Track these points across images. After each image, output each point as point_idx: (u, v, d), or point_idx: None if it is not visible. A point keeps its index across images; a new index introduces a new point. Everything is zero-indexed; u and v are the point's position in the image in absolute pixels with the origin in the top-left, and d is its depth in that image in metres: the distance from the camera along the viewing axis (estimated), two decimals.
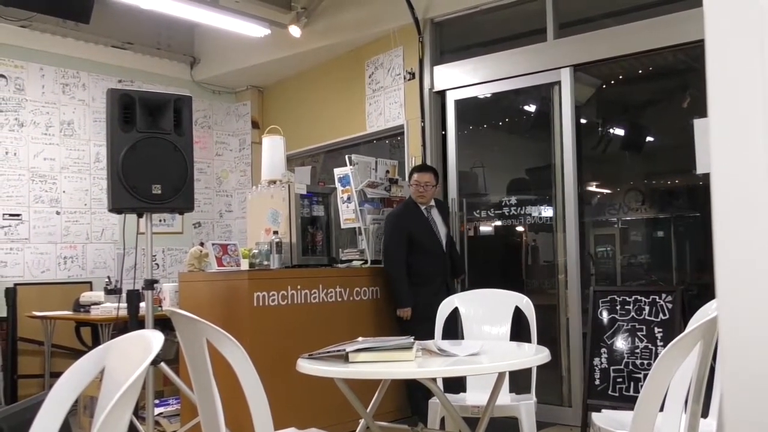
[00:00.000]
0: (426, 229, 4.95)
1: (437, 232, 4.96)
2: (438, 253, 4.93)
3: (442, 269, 4.93)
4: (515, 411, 3.12)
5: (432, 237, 4.95)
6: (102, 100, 6.38)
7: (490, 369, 2.47)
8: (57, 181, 6.46)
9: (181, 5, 5.76)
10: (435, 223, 4.97)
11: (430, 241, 4.94)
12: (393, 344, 2.44)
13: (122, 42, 6.86)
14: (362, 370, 2.37)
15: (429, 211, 5.00)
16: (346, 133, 6.71)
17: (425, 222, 4.96)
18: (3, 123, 6.16)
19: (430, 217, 4.98)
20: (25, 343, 5.89)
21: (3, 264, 6.08)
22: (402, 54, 6.12)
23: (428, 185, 4.92)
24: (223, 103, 7.80)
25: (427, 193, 4.94)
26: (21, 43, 6.25)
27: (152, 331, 1.53)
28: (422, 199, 4.95)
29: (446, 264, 4.95)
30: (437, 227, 4.97)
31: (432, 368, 2.43)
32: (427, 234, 4.95)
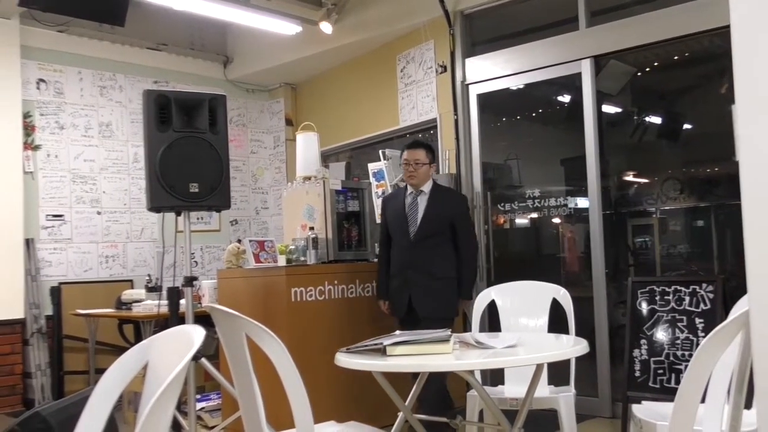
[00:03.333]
0: (397, 215, 4.33)
1: (409, 221, 4.26)
2: (402, 243, 4.27)
3: (406, 262, 4.23)
4: (554, 403, 3.10)
5: (400, 224, 4.29)
6: (138, 101, 6.48)
7: (528, 361, 2.46)
8: (97, 182, 6.59)
9: (213, 5, 5.82)
10: (415, 209, 4.27)
11: (397, 228, 4.32)
12: (430, 337, 2.45)
13: (156, 43, 6.96)
14: (400, 363, 2.38)
15: (417, 196, 4.30)
16: (378, 128, 6.72)
17: (399, 207, 4.33)
18: (44, 126, 6.30)
19: (414, 202, 4.29)
20: (71, 340, 6.04)
21: (48, 263, 6.23)
22: (433, 47, 6.11)
23: (418, 164, 4.23)
24: (257, 101, 7.87)
25: (418, 173, 4.24)
26: (59, 48, 6.39)
27: (193, 326, 1.56)
28: (411, 179, 4.27)
29: (413, 258, 4.19)
30: (414, 215, 4.26)
31: (469, 360, 2.43)
32: (396, 221, 4.33)
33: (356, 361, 2.43)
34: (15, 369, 5.78)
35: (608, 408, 4.87)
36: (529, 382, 2.65)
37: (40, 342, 5.96)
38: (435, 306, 4.12)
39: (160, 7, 5.84)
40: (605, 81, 5.15)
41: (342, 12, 6.47)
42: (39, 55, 6.27)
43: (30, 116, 6.19)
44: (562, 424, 3.09)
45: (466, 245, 4.26)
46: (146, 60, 6.94)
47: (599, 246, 4.98)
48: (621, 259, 5.05)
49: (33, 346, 5.92)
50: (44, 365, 5.95)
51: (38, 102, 6.29)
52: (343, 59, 6.99)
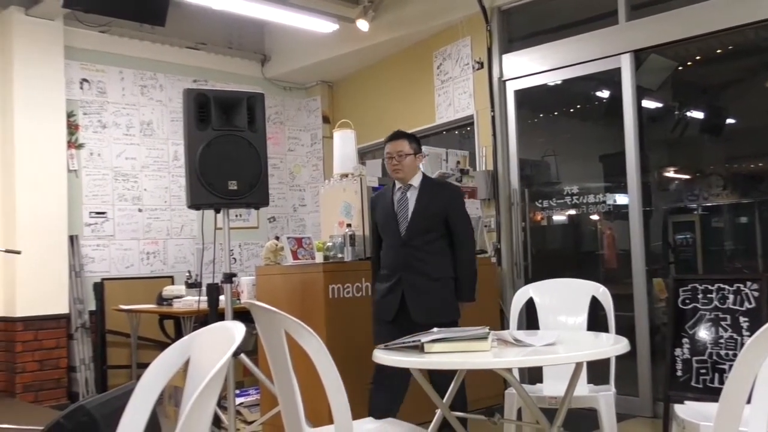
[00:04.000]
0: (386, 213, 3.98)
1: (398, 218, 3.91)
2: (393, 243, 3.92)
3: (396, 263, 3.87)
4: (594, 402, 3.07)
5: (389, 223, 3.95)
6: (178, 100, 6.58)
7: (568, 359, 2.43)
8: (138, 180, 6.70)
9: (251, 4, 5.88)
10: (405, 206, 3.92)
11: (386, 228, 3.98)
12: (468, 334, 2.44)
13: (196, 43, 7.05)
14: (438, 361, 2.38)
15: (405, 191, 3.95)
16: (415, 124, 6.70)
17: (388, 205, 3.98)
18: (87, 125, 6.43)
19: (403, 198, 3.94)
20: (113, 335, 6.15)
21: (91, 260, 6.35)
22: (470, 44, 6.09)
23: (402, 155, 3.87)
24: (294, 99, 7.92)
25: (403, 165, 3.88)
26: (101, 48, 6.51)
27: (234, 322, 1.58)
28: (397, 173, 3.91)
29: (404, 258, 3.85)
30: (404, 212, 3.92)
31: (508, 358, 2.42)
32: (386, 219, 3.99)
33: (394, 358, 2.43)
34: (60, 363, 5.92)
35: (649, 407, 4.80)
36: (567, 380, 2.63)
37: (83, 337, 6.09)
38: (432, 311, 3.72)
39: (200, 6, 5.92)
40: (645, 76, 5.07)
41: (378, 9, 6.48)
42: (82, 55, 6.40)
43: (74, 115, 6.32)
44: (602, 423, 3.05)
45: (462, 242, 3.92)
46: (186, 59, 7.03)
47: (639, 243, 4.91)
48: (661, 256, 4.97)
49: (77, 341, 6.05)
50: (88, 359, 6.08)
51: (81, 101, 6.42)
52: (379, 56, 6.99)
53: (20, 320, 5.73)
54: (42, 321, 5.82)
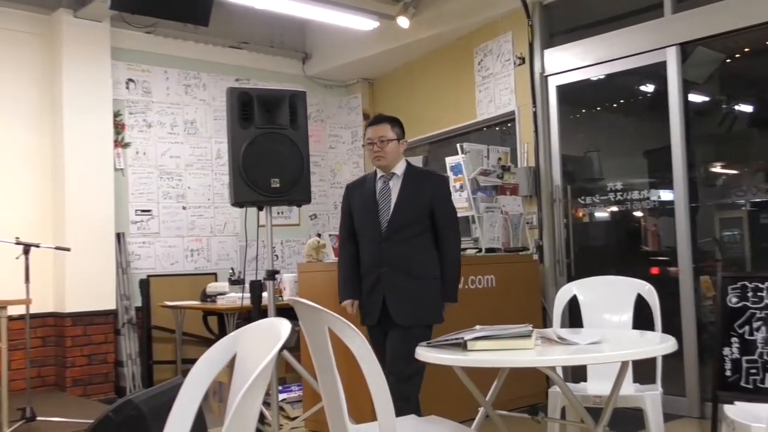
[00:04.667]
0: (365, 204, 3.68)
1: (380, 209, 3.62)
2: (372, 237, 3.62)
3: (375, 260, 3.59)
4: (640, 402, 3.03)
5: (368, 216, 3.65)
6: (221, 99, 6.66)
7: (614, 358, 2.40)
8: (182, 178, 6.80)
9: (293, 3, 5.92)
10: (387, 196, 3.64)
11: (365, 220, 3.68)
12: (512, 332, 2.42)
13: (238, 42, 7.13)
14: (481, 358, 2.37)
15: (388, 180, 3.68)
16: (456, 121, 6.69)
17: (368, 195, 3.68)
18: (133, 124, 6.55)
19: (386, 187, 3.66)
20: (159, 331, 6.26)
21: (137, 257, 6.48)
22: (511, 39, 6.04)
23: (384, 141, 3.62)
24: (335, 97, 7.95)
25: (385, 152, 3.61)
26: (146, 48, 6.62)
27: (280, 319, 1.60)
28: (378, 161, 3.65)
29: (386, 255, 3.57)
30: (386, 202, 3.63)
31: (553, 357, 2.40)
32: (365, 211, 3.68)
33: (437, 356, 2.43)
34: (108, 358, 6.05)
35: (696, 408, 4.71)
36: (612, 379, 2.59)
37: (130, 332, 6.22)
38: (413, 312, 3.50)
39: (242, 6, 5.98)
40: (692, 69, 4.98)
41: (419, 6, 6.46)
42: (128, 55, 6.52)
43: (120, 115, 6.45)
44: (648, 423, 3.01)
45: (447, 236, 3.62)
46: (228, 58, 7.12)
47: (685, 239, 4.83)
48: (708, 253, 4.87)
49: (124, 336, 6.18)
50: (134, 354, 6.20)
51: (127, 101, 6.54)
52: (420, 53, 6.98)
53: (69, 316, 5.87)
54: (90, 316, 5.95)
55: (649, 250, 5.50)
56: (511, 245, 5.47)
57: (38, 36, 6.08)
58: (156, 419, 2.10)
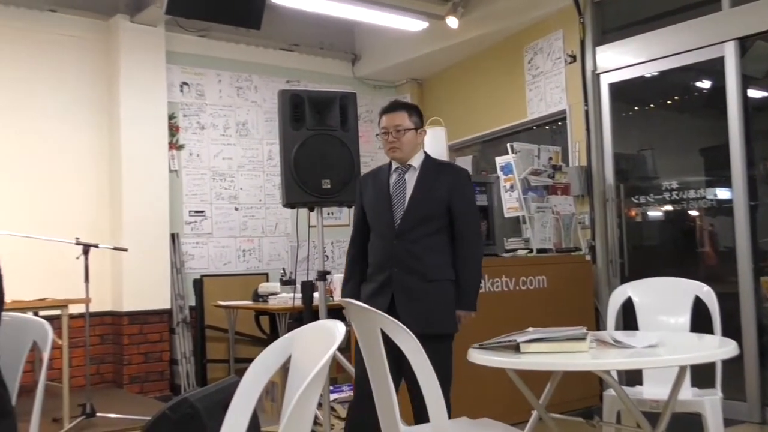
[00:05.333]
0: (379, 197, 3.35)
1: (394, 204, 3.30)
2: (384, 234, 3.30)
3: (386, 259, 3.26)
4: (698, 407, 2.96)
5: (381, 210, 3.33)
6: (272, 101, 6.75)
7: (673, 362, 2.35)
8: (235, 179, 6.91)
9: (342, 6, 5.96)
10: (402, 189, 3.32)
11: (378, 214, 3.35)
12: (566, 335, 2.40)
13: (289, 44, 7.20)
14: (534, 361, 2.35)
15: (404, 172, 3.35)
16: (506, 120, 6.64)
17: (382, 187, 3.36)
18: (187, 126, 6.68)
19: (401, 180, 3.33)
20: (212, 330, 6.37)
21: (191, 257, 6.60)
22: (562, 37, 5.97)
23: (400, 131, 3.28)
24: (384, 97, 7.95)
25: (401, 142, 3.28)
26: (200, 52, 6.75)
27: (335, 321, 1.61)
28: (394, 152, 3.31)
29: (398, 253, 3.23)
30: (401, 196, 3.31)
31: (608, 360, 2.36)
32: (378, 204, 3.36)
33: (489, 358, 2.42)
34: (163, 356, 6.18)
35: (757, 413, 4.58)
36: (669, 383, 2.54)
37: (184, 331, 6.34)
38: (426, 319, 3.11)
39: (292, 9, 6.04)
40: (751, 63, 4.84)
41: (468, 6, 6.43)
42: (182, 59, 6.65)
43: (174, 117, 6.58)
44: (707, 428, 2.94)
45: (466, 234, 3.27)
46: (279, 60, 7.20)
47: (745, 239, 4.69)
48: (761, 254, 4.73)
49: (178, 335, 6.30)
50: (188, 353, 6.32)
51: (182, 104, 6.67)
52: (469, 53, 6.95)
53: (127, 314, 6.02)
54: (146, 315, 6.09)
55: (706, 250, 5.37)
56: (563, 245, 5.41)
57: (96, 41, 6.25)
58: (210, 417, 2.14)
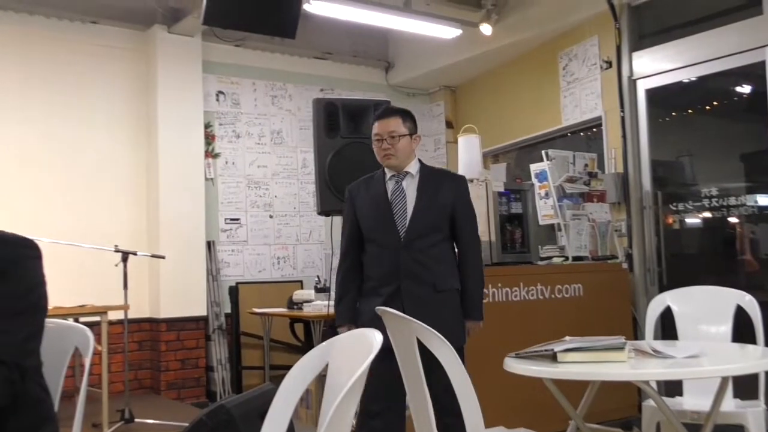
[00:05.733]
0: (377, 207, 3.24)
1: (395, 213, 3.20)
2: (387, 244, 3.19)
3: (392, 271, 3.15)
4: (741, 419, 2.90)
5: (381, 219, 3.22)
6: (306, 109, 6.79)
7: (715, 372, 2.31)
8: (269, 187, 6.97)
9: (376, 14, 5.98)
10: (402, 198, 3.22)
11: (378, 225, 3.23)
12: (604, 344, 2.37)
13: (323, 53, 7.26)
14: (572, 371, 2.32)
15: (400, 181, 3.26)
16: (540, 127, 6.60)
17: (379, 196, 3.24)
18: (223, 135, 6.76)
19: (399, 188, 3.24)
20: (247, 337, 6.42)
21: (226, 264, 6.67)
22: (597, 43, 5.92)
23: (395, 137, 3.19)
24: (417, 105, 7.97)
25: (396, 149, 3.19)
26: (236, 61, 6.83)
27: (372, 330, 1.61)
28: (388, 159, 3.22)
29: (406, 264, 3.14)
30: (402, 205, 3.21)
31: (648, 370, 2.33)
32: (376, 215, 3.24)
33: (526, 367, 2.40)
34: (199, 362, 6.24)
35: None
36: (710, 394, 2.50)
37: (220, 338, 6.40)
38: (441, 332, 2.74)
39: (326, 18, 6.08)
40: None
41: (502, 12, 6.41)
42: (218, 68, 6.74)
43: (210, 126, 6.66)
44: None
45: (469, 244, 3.25)
46: (313, 69, 7.25)
47: None
48: None
49: (214, 342, 6.36)
50: (224, 360, 6.37)
51: (217, 113, 6.75)
52: (502, 59, 6.92)
53: (164, 321, 6.10)
54: (183, 322, 6.16)
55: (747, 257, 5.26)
56: (599, 253, 5.34)
57: (134, 51, 6.36)
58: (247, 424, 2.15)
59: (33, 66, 5.92)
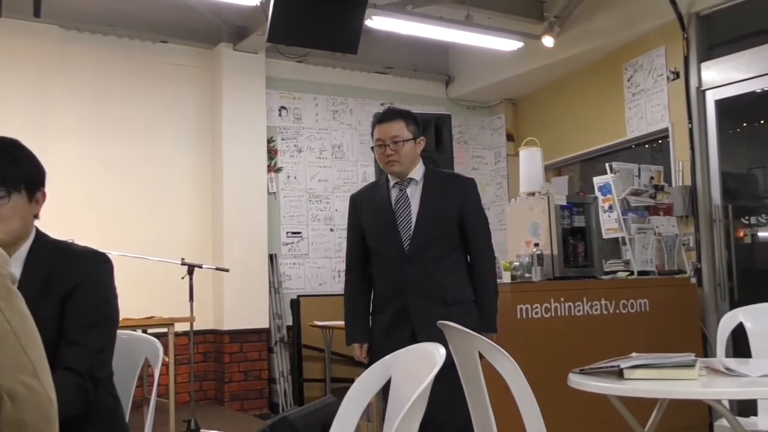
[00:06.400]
0: (380, 217, 3.04)
1: (399, 223, 2.99)
2: (391, 257, 2.99)
3: (398, 286, 2.96)
4: None
5: (385, 231, 3.01)
6: (366, 123, 6.83)
7: None
8: (330, 201, 7.03)
9: (437, 28, 5.99)
10: (406, 206, 3.01)
11: (381, 237, 3.04)
12: (673, 361, 2.30)
13: (383, 67, 7.31)
14: (640, 388, 2.26)
15: (404, 187, 3.05)
16: (603, 140, 6.49)
17: (383, 205, 3.04)
18: (285, 150, 6.86)
19: (403, 196, 3.03)
20: (308, 349, 6.47)
21: (288, 277, 6.75)
22: (664, 53, 5.80)
23: (398, 142, 2.98)
24: (478, 118, 7.95)
25: (400, 155, 2.98)
26: (297, 77, 6.95)
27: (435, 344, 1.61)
28: (392, 166, 3.01)
29: (411, 278, 2.94)
30: (406, 214, 3.00)
31: (721, 389, 2.25)
32: (380, 225, 3.04)
33: (591, 383, 2.35)
34: (262, 374, 6.32)
35: None
36: None
37: (282, 350, 6.47)
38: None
39: (387, 32, 6.13)
40: None
41: (564, 24, 6.35)
42: (281, 84, 6.86)
43: (273, 141, 6.78)
44: None
45: (482, 252, 3.05)
46: (374, 83, 7.31)
47: None
48: None
49: (276, 354, 6.44)
50: (286, 372, 6.44)
51: (280, 128, 6.86)
52: (564, 72, 6.85)
53: (227, 333, 6.20)
54: (246, 334, 6.26)
55: None
56: (666, 268, 5.21)
57: (201, 69, 6.54)
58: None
59: (106, 83, 6.14)
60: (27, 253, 1.82)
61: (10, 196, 1.74)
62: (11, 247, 1.76)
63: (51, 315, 1.73)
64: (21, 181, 1.77)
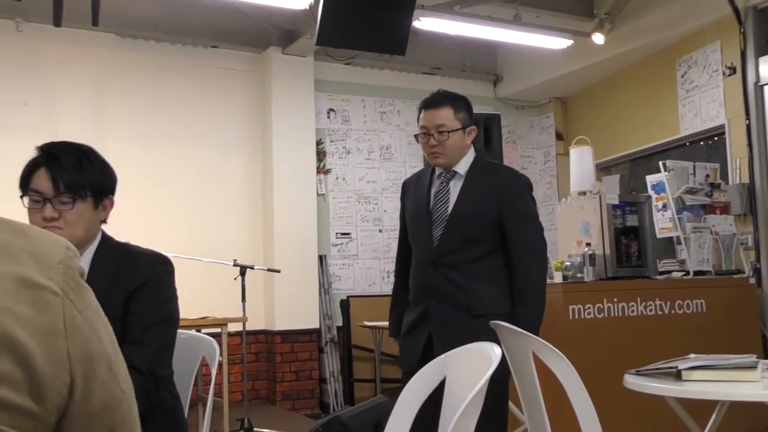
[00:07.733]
0: (418, 209, 2.75)
1: (434, 219, 2.69)
2: (421, 256, 2.74)
3: (423, 288, 2.70)
4: None
5: (419, 226, 2.74)
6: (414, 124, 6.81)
7: None
8: (378, 202, 7.06)
9: (485, 28, 5.97)
10: (444, 201, 2.69)
11: (414, 233, 2.78)
12: (733, 363, 2.25)
13: (431, 68, 7.30)
14: (699, 390, 2.22)
15: (447, 180, 2.71)
16: (656, 138, 6.37)
17: (421, 198, 2.75)
18: (333, 151, 6.92)
19: (444, 189, 2.70)
20: (358, 350, 6.50)
21: (337, 278, 6.80)
22: (719, 48, 5.66)
23: (443, 132, 2.62)
24: (527, 117, 7.88)
25: (445, 146, 2.63)
26: (346, 79, 6.99)
27: (491, 344, 1.61)
28: (436, 158, 2.67)
29: (434, 281, 2.65)
30: (443, 209, 2.68)
31: None
32: (414, 220, 2.78)
33: (648, 384, 2.32)
34: (313, 374, 6.38)
35: None
36: None
37: (332, 350, 6.51)
38: None
39: (435, 33, 6.12)
40: None
41: (615, 21, 6.25)
42: (329, 87, 6.92)
43: (321, 143, 6.84)
44: None
45: (523, 259, 2.64)
46: (421, 84, 7.29)
47: None
48: None
49: (326, 354, 6.49)
50: (336, 372, 6.48)
51: (328, 130, 6.92)
52: (616, 69, 6.74)
53: (279, 333, 6.28)
54: (297, 334, 6.32)
55: None
56: (723, 268, 5.09)
57: (251, 72, 6.64)
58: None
59: (160, 89, 6.28)
60: (93, 255, 1.87)
61: (74, 203, 1.79)
62: (78, 250, 1.82)
63: (115, 314, 1.78)
64: (87, 188, 1.81)
